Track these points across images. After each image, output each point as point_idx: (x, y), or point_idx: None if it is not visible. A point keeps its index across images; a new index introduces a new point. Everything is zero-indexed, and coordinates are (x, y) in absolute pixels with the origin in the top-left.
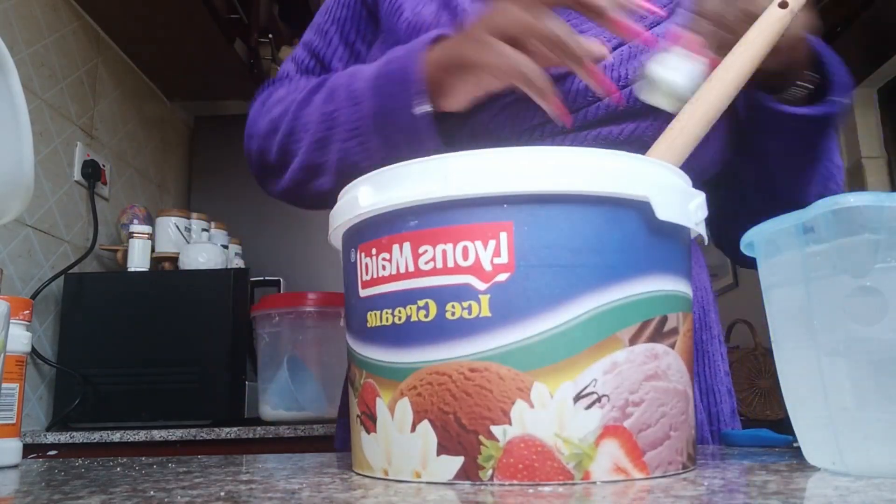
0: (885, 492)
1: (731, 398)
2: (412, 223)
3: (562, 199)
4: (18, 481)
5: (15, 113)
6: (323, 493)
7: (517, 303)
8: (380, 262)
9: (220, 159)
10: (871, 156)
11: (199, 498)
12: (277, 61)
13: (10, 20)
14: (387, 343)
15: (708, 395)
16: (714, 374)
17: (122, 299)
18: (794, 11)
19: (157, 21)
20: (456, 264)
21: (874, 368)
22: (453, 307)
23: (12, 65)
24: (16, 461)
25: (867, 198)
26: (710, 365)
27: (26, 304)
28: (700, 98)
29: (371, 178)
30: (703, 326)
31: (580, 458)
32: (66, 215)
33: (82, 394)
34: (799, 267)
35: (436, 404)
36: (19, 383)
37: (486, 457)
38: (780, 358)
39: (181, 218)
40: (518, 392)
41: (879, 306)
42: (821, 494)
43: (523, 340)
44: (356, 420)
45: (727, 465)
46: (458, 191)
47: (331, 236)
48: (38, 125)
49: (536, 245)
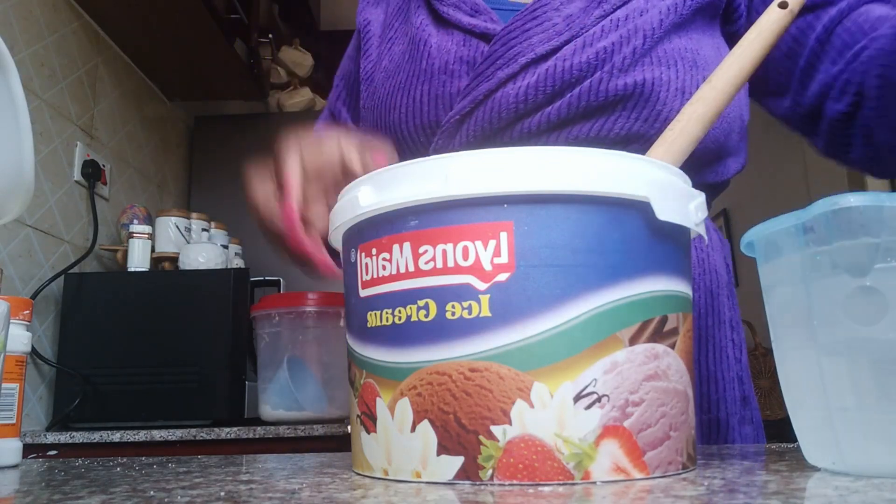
0: (885, 492)
1: (741, 385)
2: (412, 223)
3: (562, 199)
4: (18, 481)
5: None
6: (323, 493)
7: (517, 303)
8: (380, 262)
9: (220, 159)
10: None
11: (199, 498)
12: (277, 61)
13: (10, 20)
14: (387, 343)
15: (709, 382)
16: (719, 361)
17: (122, 299)
18: (793, 12)
19: (157, 21)
20: (456, 264)
21: (874, 368)
22: (453, 307)
23: (12, 65)
24: (16, 461)
25: (867, 198)
26: (716, 351)
27: (26, 304)
28: (700, 99)
29: (371, 178)
30: (710, 311)
31: (580, 458)
32: (66, 215)
33: (82, 394)
34: (799, 267)
35: (436, 404)
36: (19, 383)
37: (486, 457)
38: (780, 358)
39: (181, 218)
40: (518, 392)
41: (879, 306)
42: (821, 494)
43: (523, 340)
44: (356, 420)
45: (727, 465)
46: (458, 191)
47: (331, 236)
48: (38, 125)
49: (537, 245)
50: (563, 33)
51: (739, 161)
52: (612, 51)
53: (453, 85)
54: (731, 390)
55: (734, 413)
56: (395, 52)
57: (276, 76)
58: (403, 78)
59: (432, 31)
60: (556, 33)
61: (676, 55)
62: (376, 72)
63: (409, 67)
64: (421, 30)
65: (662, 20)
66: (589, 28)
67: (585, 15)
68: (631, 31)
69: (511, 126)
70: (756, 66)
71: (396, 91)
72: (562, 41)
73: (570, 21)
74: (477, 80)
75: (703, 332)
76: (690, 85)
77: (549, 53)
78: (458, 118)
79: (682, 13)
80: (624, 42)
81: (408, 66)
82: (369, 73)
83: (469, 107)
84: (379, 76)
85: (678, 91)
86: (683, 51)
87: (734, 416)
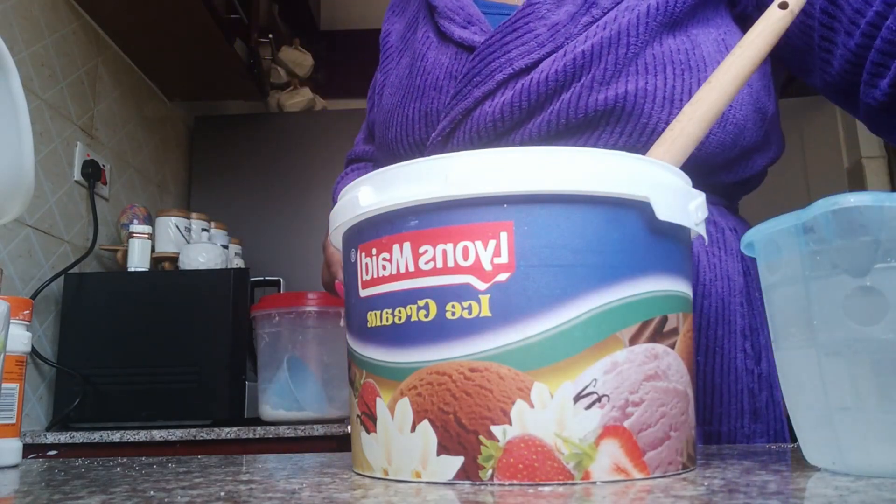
0: (885, 492)
1: (752, 398)
2: (412, 223)
3: (562, 198)
4: (18, 481)
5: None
6: (323, 493)
7: (517, 303)
8: (380, 261)
9: (220, 159)
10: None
11: (199, 498)
12: (277, 61)
13: (10, 20)
14: (387, 343)
15: (713, 394)
16: (727, 373)
17: (122, 299)
18: (794, 12)
19: (157, 21)
20: (456, 264)
21: (874, 368)
22: (453, 307)
23: (13, 65)
24: (16, 461)
25: (867, 198)
26: (724, 363)
27: (26, 304)
28: (700, 99)
29: (371, 178)
30: (720, 321)
31: (580, 458)
32: (66, 215)
33: (82, 394)
34: (799, 267)
35: (436, 404)
36: (19, 383)
37: (486, 457)
38: (780, 358)
39: (181, 218)
40: (518, 392)
41: (879, 306)
42: (821, 494)
43: (523, 340)
44: (356, 420)
45: (727, 465)
46: (458, 190)
47: (331, 236)
48: (38, 125)
49: (537, 245)
50: (545, 45)
51: (769, 154)
52: (591, 58)
53: (441, 101)
54: (738, 404)
55: (738, 428)
56: (402, 66)
57: (276, 76)
58: (401, 95)
59: (432, 44)
60: (538, 45)
61: (666, 59)
62: (386, 87)
63: (406, 83)
64: (422, 43)
65: (649, 23)
66: (574, 38)
67: (572, 23)
68: (614, 36)
69: (493, 144)
70: (756, 66)
71: (394, 108)
72: (543, 53)
73: (555, 31)
74: (455, 99)
75: (712, 343)
76: (680, 91)
77: (528, 67)
78: (441, 138)
79: (674, 12)
80: (605, 49)
81: (406, 83)
82: (381, 88)
83: (449, 127)
84: (386, 91)
85: (665, 100)
86: (674, 53)
87: (738, 430)
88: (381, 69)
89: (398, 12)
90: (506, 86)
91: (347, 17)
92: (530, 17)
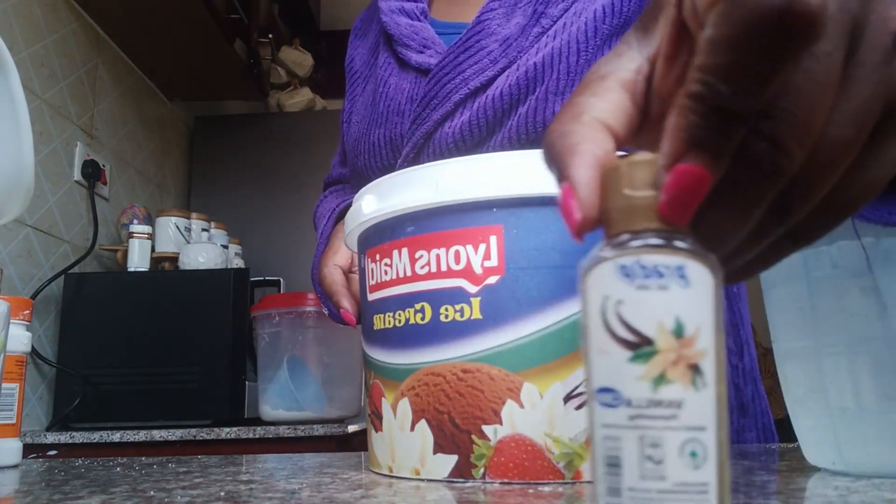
0: (885, 492)
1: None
2: (409, 229)
3: (551, 201)
4: (18, 481)
5: (15, 113)
6: (323, 493)
7: (507, 305)
8: (383, 267)
9: (220, 159)
10: None
11: (199, 498)
12: (278, 61)
13: (10, 20)
14: (389, 345)
15: None
16: None
17: (122, 299)
18: None
19: (157, 21)
20: (449, 268)
21: (874, 368)
22: (447, 310)
23: (12, 65)
24: (16, 461)
25: None
26: None
27: (26, 304)
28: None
29: (375, 186)
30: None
31: (570, 458)
32: (66, 215)
33: (82, 394)
34: (800, 267)
35: (432, 404)
36: (19, 383)
37: (478, 455)
38: (780, 358)
39: (181, 218)
40: (508, 392)
41: (879, 306)
42: (821, 494)
43: (513, 342)
44: (368, 419)
45: None
46: (448, 197)
47: (346, 240)
48: (38, 125)
49: (526, 248)
50: (498, 61)
51: None
52: (543, 70)
53: (404, 126)
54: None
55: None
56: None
57: (276, 76)
58: (367, 122)
59: (393, 70)
60: (491, 62)
61: None
62: (353, 114)
63: (371, 110)
64: (383, 69)
65: (598, 27)
66: (526, 51)
67: (523, 36)
68: (564, 46)
69: None
70: None
71: (361, 136)
72: (497, 70)
73: (507, 45)
74: (415, 123)
75: None
76: None
77: (484, 85)
78: (406, 163)
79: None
80: (556, 60)
81: (370, 109)
82: (348, 116)
83: (413, 152)
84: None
85: None
86: None
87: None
88: (348, 96)
89: (360, 35)
90: (463, 106)
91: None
92: (481, 35)
